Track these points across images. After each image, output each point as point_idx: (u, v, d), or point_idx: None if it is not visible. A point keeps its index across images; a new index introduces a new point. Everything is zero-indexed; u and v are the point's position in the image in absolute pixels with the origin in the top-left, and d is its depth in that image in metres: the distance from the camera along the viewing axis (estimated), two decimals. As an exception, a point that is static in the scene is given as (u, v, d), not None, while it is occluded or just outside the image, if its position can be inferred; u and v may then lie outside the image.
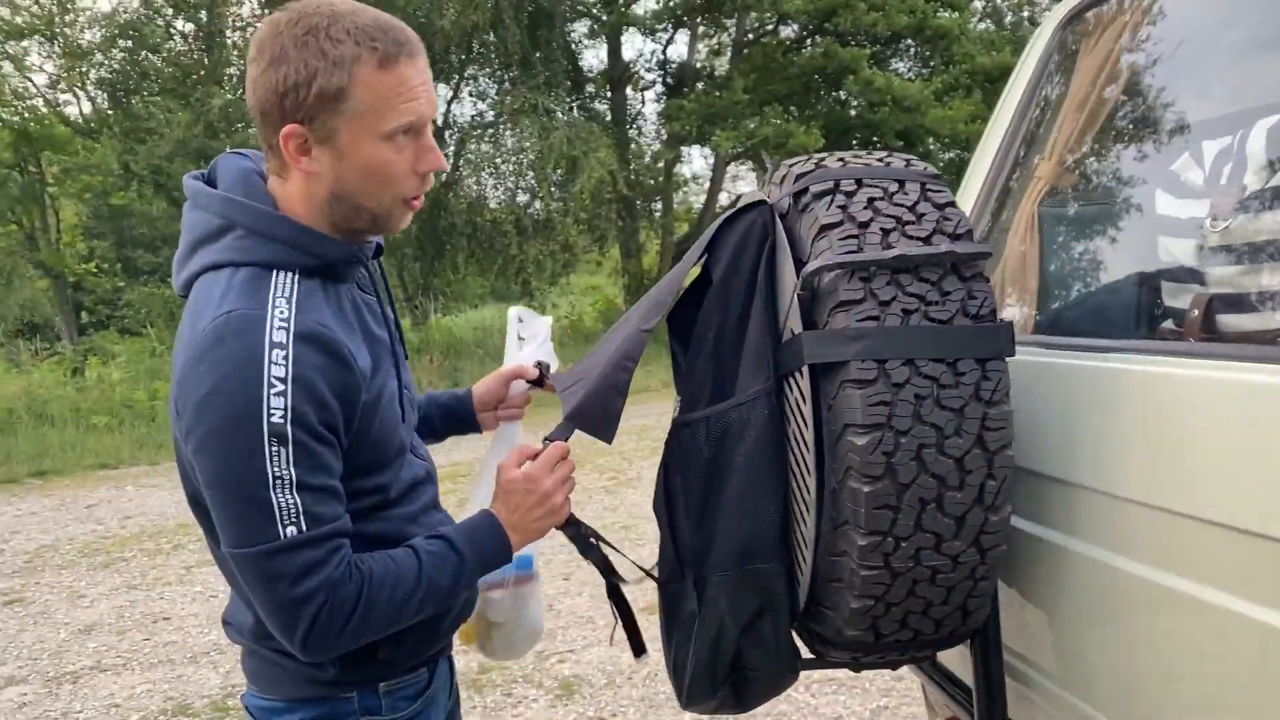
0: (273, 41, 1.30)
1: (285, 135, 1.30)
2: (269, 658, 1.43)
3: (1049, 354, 1.46)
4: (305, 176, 1.34)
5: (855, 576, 1.32)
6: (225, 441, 1.23)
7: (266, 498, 1.23)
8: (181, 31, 17.43)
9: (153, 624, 5.16)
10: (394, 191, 1.36)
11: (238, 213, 1.34)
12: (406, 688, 1.47)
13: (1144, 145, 1.60)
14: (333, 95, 1.28)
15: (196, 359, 1.26)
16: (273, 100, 1.30)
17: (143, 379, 13.00)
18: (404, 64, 1.31)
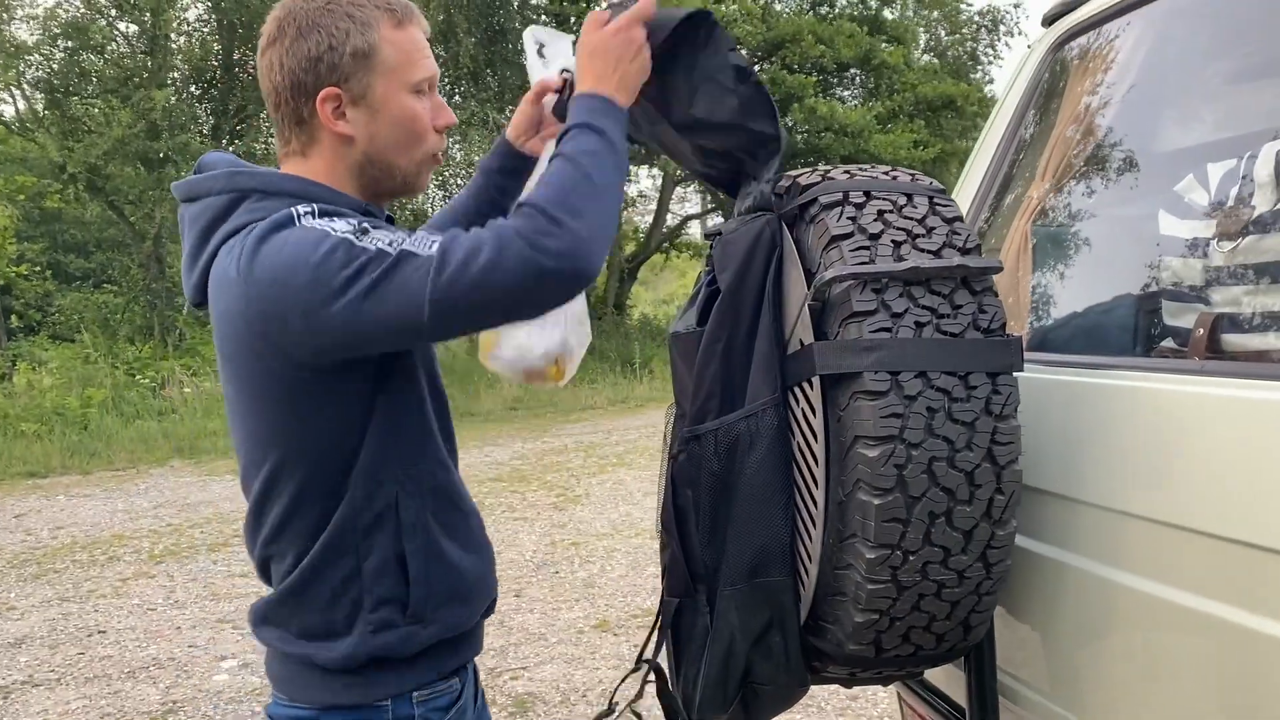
0: (294, 19, 1.38)
1: (323, 99, 1.37)
2: (301, 658, 1.40)
3: (1049, 370, 1.47)
4: (336, 145, 1.40)
5: (861, 590, 1.31)
6: (336, 276, 1.24)
7: (397, 256, 1.24)
8: (124, 33, 17.10)
9: (87, 638, 4.99)
10: (424, 147, 1.44)
11: (246, 180, 1.39)
12: (440, 697, 1.44)
13: (1142, 167, 1.63)
14: (365, 52, 1.37)
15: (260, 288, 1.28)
16: (306, 68, 1.37)
17: (74, 386, 12.66)
18: (414, 25, 1.43)
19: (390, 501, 1.38)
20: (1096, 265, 1.65)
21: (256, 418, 1.38)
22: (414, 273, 1.24)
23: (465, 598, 1.45)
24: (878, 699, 3.87)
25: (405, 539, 1.38)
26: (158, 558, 6.52)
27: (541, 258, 1.23)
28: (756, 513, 1.41)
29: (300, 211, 1.32)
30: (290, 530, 1.39)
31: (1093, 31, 1.78)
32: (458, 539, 1.45)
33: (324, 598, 1.39)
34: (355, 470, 1.36)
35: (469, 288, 1.23)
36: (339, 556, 1.37)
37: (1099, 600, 1.35)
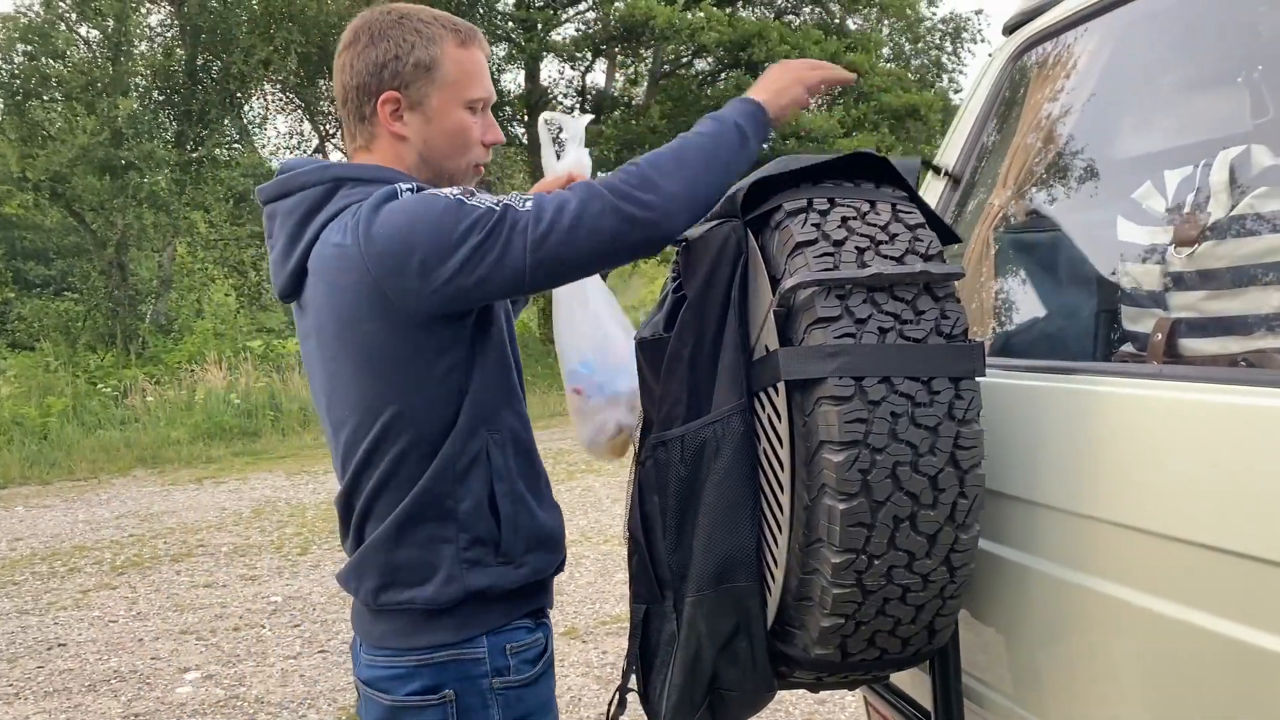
0: (368, 28, 1.56)
1: (383, 100, 1.55)
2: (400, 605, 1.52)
3: (1011, 375, 1.48)
4: (394, 142, 1.57)
5: (827, 595, 1.31)
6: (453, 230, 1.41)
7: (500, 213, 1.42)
8: (85, 39, 16.89)
9: (47, 651, 4.91)
10: (470, 156, 1.60)
11: (342, 170, 1.55)
12: (529, 649, 1.57)
13: (1101, 173, 1.65)
14: (426, 65, 1.54)
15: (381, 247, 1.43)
16: (372, 71, 1.54)
17: (34, 395, 12.47)
18: (476, 47, 1.59)
19: (483, 448, 1.52)
20: (1057, 271, 1.67)
21: (367, 384, 1.49)
22: (516, 225, 1.41)
23: (547, 542, 1.59)
24: (845, 703, 3.88)
25: (496, 482, 1.52)
26: (120, 569, 6.43)
27: (629, 207, 1.43)
28: (723, 518, 1.41)
29: (404, 187, 1.49)
30: (393, 484, 1.51)
31: (1052, 40, 1.80)
32: (535, 493, 1.59)
33: (420, 540, 1.51)
34: (459, 418, 1.50)
35: (562, 238, 1.42)
36: (436, 501, 1.50)
37: (1061, 603, 1.36)
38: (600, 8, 19.74)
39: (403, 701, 1.51)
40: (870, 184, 1.44)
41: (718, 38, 18.91)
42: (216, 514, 8.03)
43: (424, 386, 1.49)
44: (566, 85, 22.30)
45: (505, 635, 1.54)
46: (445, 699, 1.51)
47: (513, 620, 1.55)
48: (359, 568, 1.55)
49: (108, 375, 13.88)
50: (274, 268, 1.58)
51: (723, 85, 21.19)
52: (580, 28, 20.57)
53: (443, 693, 1.51)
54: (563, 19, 20.35)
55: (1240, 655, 1.09)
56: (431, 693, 1.51)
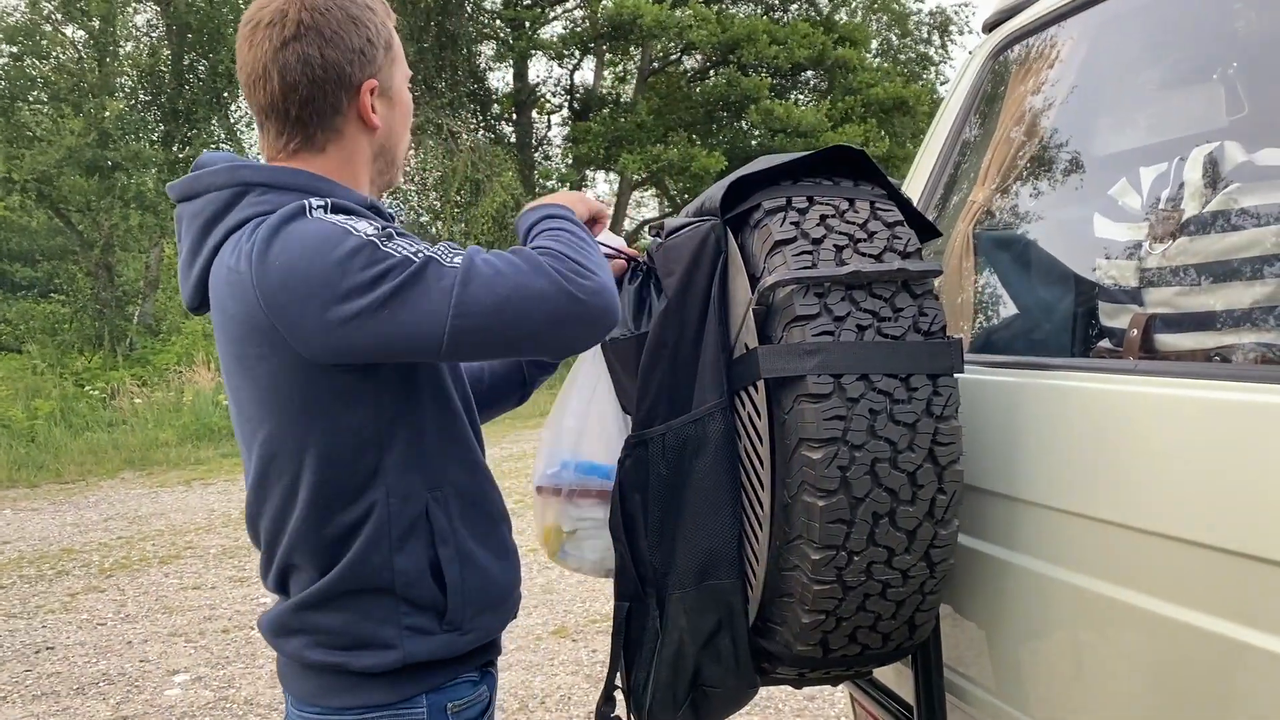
0: (320, 11, 1.33)
1: (366, 88, 1.36)
2: (333, 667, 1.36)
3: (990, 372, 1.49)
4: (357, 138, 1.38)
5: (807, 591, 1.32)
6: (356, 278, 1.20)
7: (420, 264, 1.21)
8: (72, 40, 16.81)
9: (35, 654, 4.89)
10: (408, 137, 1.47)
11: (251, 174, 1.34)
12: (472, 705, 1.42)
13: (1079, 170, 1.66)
14: (389, 43, 1.39)
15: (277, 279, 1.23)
16: (350, 59, 1.34)
17: (21, 397, 12.41)
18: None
19: (422, 510, 1.34)
20: (1036, 267, 1.68)
21: (273, 421, 1.32)
22: (437, 284, 1.20)
23: (498, 604, 1.44)
24: (835, 700, 3.89)
25: (439, 547, 1.35)
26: (108, 571, 6.41)
27: (574, 289, 1.22)
28: (705, 516, 1.42)
29: (313, 204, 1.28)
30: (315, 538, 1.34)
31: (1031, 37, 1.81)
32: (489, 545, 1.42)
33: (354, 609, 1.35)
34: (380, 478, 1.32)
35: (498, 302, 1.20)
36: (371, 572, 1.33)
37: (1041, 598, 1.37)
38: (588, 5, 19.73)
39: None
40: (849, 181, 1.45)
41: (707, 35, 18.92)
42: (205, 515, 8.00)
43: (334, 439, 1.30)
44: (555, 84, 22.30)
45: (447, 693, 1.39)
46: None
47: (458, 677, 1.41)
48: (284, 625, 1.39)
49: (95, 377, 13.83)
50: (180, 275, 1.41)
51: (711, 82, 21.19)
52: (568, 25, 20.55)
53: None
54: (550, 17, 20.33)
55: (1217, 648, 1.10)
56: None
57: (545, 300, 1.20)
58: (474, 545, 1.39)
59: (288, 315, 1.23)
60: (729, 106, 20.60)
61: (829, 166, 1.45)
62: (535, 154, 21.13)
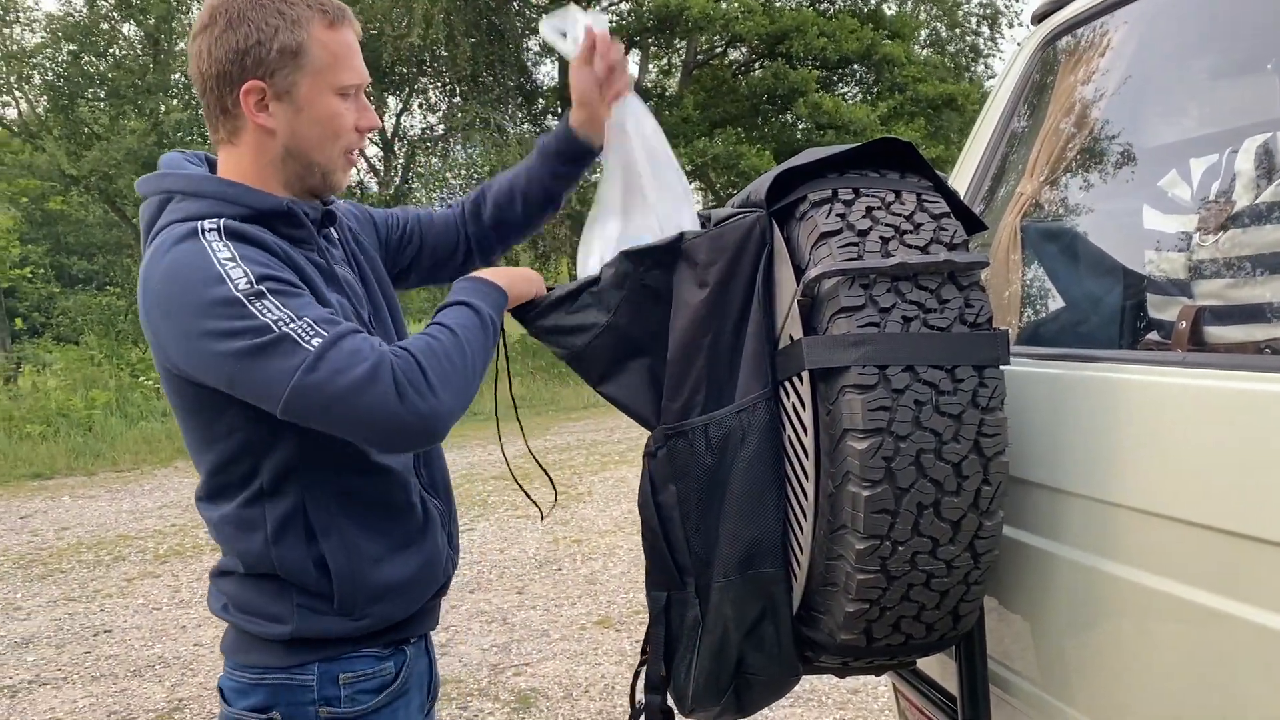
0: (225, 9, 1.41)
1: (245, 91, 1.41)
2: (241, 628, 1.49)
3: (1036, 364, 1.49)
4: (259, 136, 1.44)
5: (851, 580, 1.33)
6: (216, 324, 1.28)
7: (278, 337, 1.27)
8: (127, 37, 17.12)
9: (93, 637, 5.02)
10: (341, 144, 1.47)
11: (171, 183, 1.45)
12: (369, 680, 1.49)
13: (1128, 162, 1.65)
14: (293, 50, 1.41)
15: (154, 293, 1.34)
16: (233, 59, 1.40)
17: (79, 387, 12.71)
18: (347, 28, 1.47)
19: (296, 508, 1.43)
20: (1083, 259, 1.67)
21: (179, 418, 1.47)
22: (285, 360, 1.27)
23: (398, 595, 1.51)
24: (878, 692, 3.89)
25: (322, 540, 1.44)
26: (162, 557, 6.55)
27: (404, 410, 1.29)
28: (749, 506, 1.43)
29: (206, 227, 1.35)
30: (214, 521, 1.49)
31: (1081, 28, 1.80)
32: (389, 538, 1.50)
33: (251, 586, 1.47)
34: (257, 477, 1.43)
35: (329, 399, 1.27)
36: (254, 554, 1.45)
37: (1087, 589, 1.37)
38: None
39: (238, 715, 1.48)
40: (895, 173, 1.45)
41: (753, 27, 18.83)
42: (256, 504, 8.14)
43: (206, 436, 1.43)
44: (600, 77, 22.27)
45: (341, 664, 1.47)
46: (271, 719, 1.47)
47: (357, 651, 1.48)
48: (212, 582, 1.55)
49: (149, 368, 14.11)
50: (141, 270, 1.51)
51: (757, 75, 21.10)
52: (614, 19, 20.56)
53: (270, 713, 1.47)
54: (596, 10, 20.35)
55: (1267, 641, 1.10)
56: (261, 711, 1.47)
57: (372, 413, 1.28)
58: (365, 540, 1.47)
59: (154, 329, 1.36)
60: (775, 99, 20.50)
61: (875, 159, 1.46)
62: (580, 148, 21.16)
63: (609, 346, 1.57)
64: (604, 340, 1.57)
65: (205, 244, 1.33)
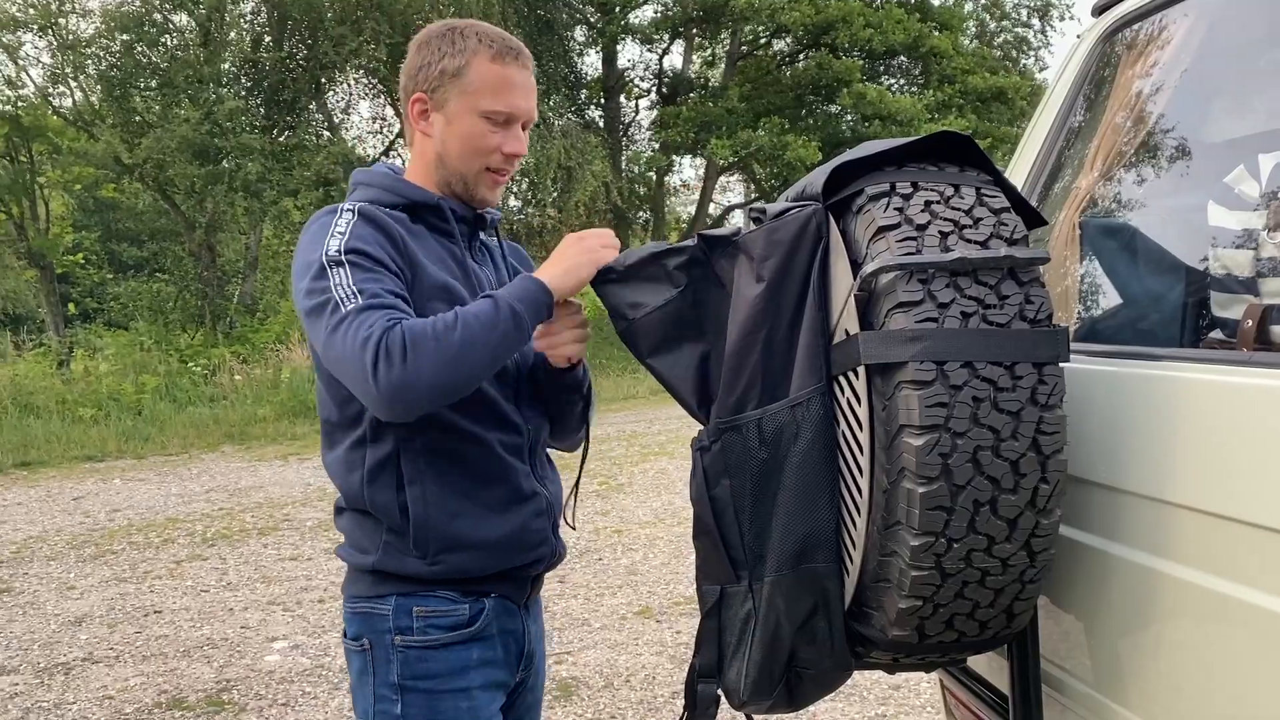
0: (422, 37, 1.71)
1: (414, 100, 1.69)
2: (346, 559, 1.73)
3: (1096, 361, 1.47)
4: (422, 141, 1.72)
5: (905, 577, 1.32)
6: (303, 284, 1.56)
7: (328, 299, 1.52)
8: (179, 27, 17.36)
9: (144, 617, 5.12)
10: (481, 161, 1.69)
11: (358, 176, 1.76)
12: (443, 617, 1.67)
13: (1192, 158, 1.62)
14: (453, 72, 1.66)
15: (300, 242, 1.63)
16: (411, 75, 1.70)
17: (130, 372, 12.93)
18: (512, 65, 1.68)
19: (391, 454, 1.63)
20: (1144, 256, 1.64)
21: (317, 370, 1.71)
22: (324, 320, 1.51)
23: (475, 551, 1.67)
24: (920, 689, 3.87)
25: (407, 487, 1.63)
26: (210, 541, 6.67)
27: (375, 379, 1.46)
28: (802, 500, 1.43)
29: (346, 207, 1.64)
30: (330, 461, 1.71)
31: (1144, 21, 1.77)
32: (474, 500, 1.67)
33: (350, 517, 1.71)
34: (361, 424, 1.64)
35: (334, 359, 1.51)
36: (356, 494, 1.66)
37: (1144, 590, 1.35)
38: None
39: (348, 644, 1.71)
40: (954, 167, 1.44)
41: (799, 18, 18.71)
42: (301, 490, 8.26)
43: (330, 388, 1.67)
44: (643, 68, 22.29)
45: (417, 600, 1.66)
46: (364, 647, 1.67)
47: (432, 591, 1.66)
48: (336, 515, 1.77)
49: (197, 354, 14.35)
50: None
51: (802, 65, 20.96)
52: (659, 9, 20.52)
53: (362, 640, 1.67)
54: (641, 2, 20.32)
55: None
56: (356, 639, 1.68)
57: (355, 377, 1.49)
58: (447, 495, 1.65)
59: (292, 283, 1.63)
60: (819, 90, 20.36)
61: (933, 152, 1.44)
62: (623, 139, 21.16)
63: (667, 322, 1.59)
64: (663, 315, 1.59)
65: (334, 218, 1.61)
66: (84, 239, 23.62)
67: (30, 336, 15.57)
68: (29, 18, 16.75)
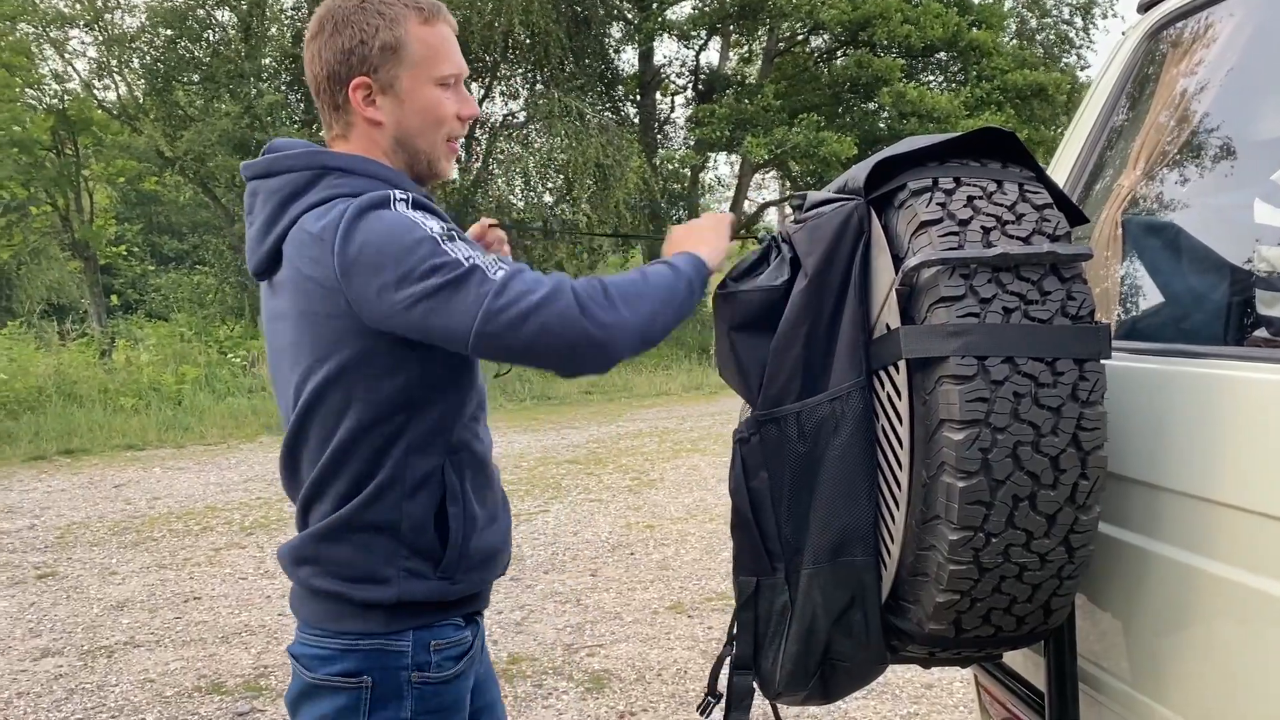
0: (331, 16, 1.55)
1: (354, 86, 1.53)
2: (335, 594, 1.53)
3: (1138, 359, 1.47)
4: (369, 128, 1.56)
5: (943, 571, 1.33)
6: (418, 265, 1.39)
7: (469, 269, 1.40)
8: (221, 22, 17.57)
9: (184, 603, 5.20)
10: (443, 131, 1.58)
11: (329, 159, 1.54)
12: (454, 648, 1.58)
13: (1238, 156, 1.61)
14: (392, 47, 1.53)
15: (352, 256, 1.42)
16: (340, 59, 1.53)
17: (170, 363, 13.12)
18: (442, 23, 1.58)
19: (438, 468, 1.53)
20: (1188, 254, 1.64)
21: (326, 372, 1.49)
22: (477, 288, 1.39)
23: (490, 562, 1.62)
24: (953, 687, 3.86)
25: (449, 504, 1.53)
26: (248, 529, 6.75)
27: (586, 321, 1.39)
28: (841, 494, 1.44)
29: (397, 196, 1.47)
30: (338, 478, 1.52)
31: (1189, 18, 1.76)
32: (486, 507, 1.61)
33: (362, 544, 1.52)
34: (405, 435, 1.50)
35: (514, 319, 1.38)
36: (383, 511, 1.51)
37: (1184, 588, 1.35)
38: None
39: (321, 680, 1.53)
40: (997, 163, 1.44)
41: (837, 15, 18.61)
42: (338, 480, 8.34)
43: (374, 392, 1.49)
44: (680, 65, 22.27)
45: (433, 632, 1.55)
46: (362, 684, 1.52)
47: (446, 620, 1.57)
48: (300, 554, 1.56)
49: (236, 345, 14.52)
50: (250, 244, 1.59)
51: (840, 63, 20.86)
52: (697, 5, 20.49)
53: (361, 678, 1.52)
54: (679, -1, 20.31)
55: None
56: (351, 676, 1.52)
57: (555, 324, 1.38)
58: (477, 507, 1.57)
59: (354, 285, 1.42)
60: (857, 88, 20.25)
61: (976, 148, 1.45)
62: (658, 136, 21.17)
63: (766, 306, 1.54)
64: (765, 297, 1.55)
65: (398, 210, 1.45)
66: (126, 231, 23.98)
67: (74, 327, 15.81)
68: (76, 13, 17.03)
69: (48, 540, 6.56)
